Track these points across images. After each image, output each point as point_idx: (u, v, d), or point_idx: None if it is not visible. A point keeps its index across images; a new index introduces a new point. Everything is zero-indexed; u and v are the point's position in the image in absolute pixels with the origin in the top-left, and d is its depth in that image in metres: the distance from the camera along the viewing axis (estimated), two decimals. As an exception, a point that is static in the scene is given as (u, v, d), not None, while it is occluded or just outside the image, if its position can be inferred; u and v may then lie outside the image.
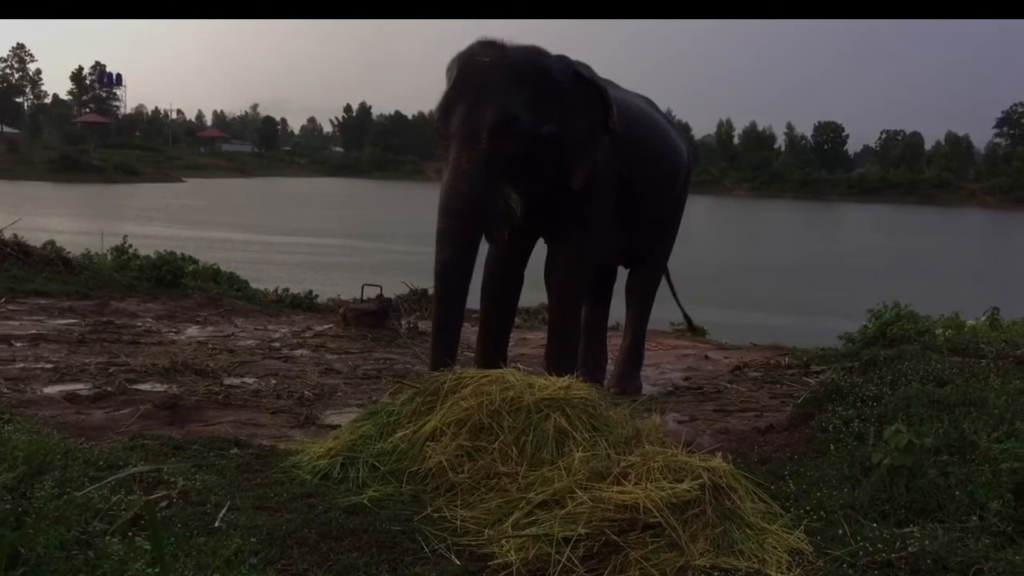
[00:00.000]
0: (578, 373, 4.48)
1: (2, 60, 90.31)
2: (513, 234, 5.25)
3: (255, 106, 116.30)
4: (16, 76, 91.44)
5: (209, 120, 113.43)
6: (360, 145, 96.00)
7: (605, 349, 6.43)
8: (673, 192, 6.26)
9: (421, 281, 10.08)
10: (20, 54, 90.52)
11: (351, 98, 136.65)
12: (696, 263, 22.11)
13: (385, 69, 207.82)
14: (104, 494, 2.96)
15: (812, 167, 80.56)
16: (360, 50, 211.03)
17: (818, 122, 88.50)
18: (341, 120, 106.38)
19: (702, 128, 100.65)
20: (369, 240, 28.34)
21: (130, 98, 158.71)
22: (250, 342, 7.26)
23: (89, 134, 76.93)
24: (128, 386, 5.32)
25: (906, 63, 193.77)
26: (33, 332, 6.83)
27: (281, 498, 3.34)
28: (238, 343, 7.16)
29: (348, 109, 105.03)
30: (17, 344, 6.40)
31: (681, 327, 9.97)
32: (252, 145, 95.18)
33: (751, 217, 53.14)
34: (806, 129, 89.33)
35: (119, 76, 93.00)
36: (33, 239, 10.28)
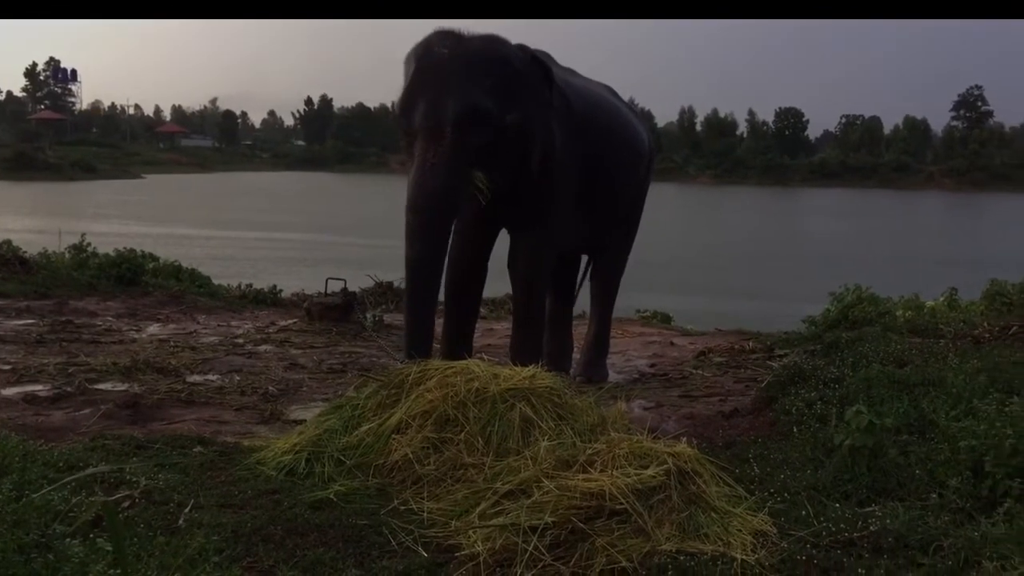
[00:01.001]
0: (543, 362, 4.49)
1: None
2: (476, 225, 5.24)
3: (214, 100, 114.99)
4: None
5: (168, 115, 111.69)
6: (322, 138, 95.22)
7: (571, 338, 6.45)
8: (635, 179, 6.28)
9: (386, 274, 10.07)
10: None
11: (312, 91, 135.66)
12: (661, 251, 22.27)
13: (346, 61, 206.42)
14: (64, 496, 2.92)
15: (774, 153, 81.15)
16: (320, 42, 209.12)
17: (779, 108, 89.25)
18: (302, 113, 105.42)
19: (665, 116, 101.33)
20: (333, 234, 28.14)
21: (86, 94, 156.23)
22: (213, 339, 7.18)
23: (44, 131, 75.55)
24: (88, 386, 5.23)
25: (864, 47, 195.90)
26: (-11, 333, 6.71)
27: (246, 495, 3.32)
28: (201, 340, 7.08)
29: (309, 102, 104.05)
30: (-27, 346, 6.28)
31: (647, 314, 10.05)
32: (212, 140, 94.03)
33: (715, 204, 53.50)
34: (767, 115, 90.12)
35: (74, 72, 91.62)
36: (-12, 239, 10.07)
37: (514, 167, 5.15)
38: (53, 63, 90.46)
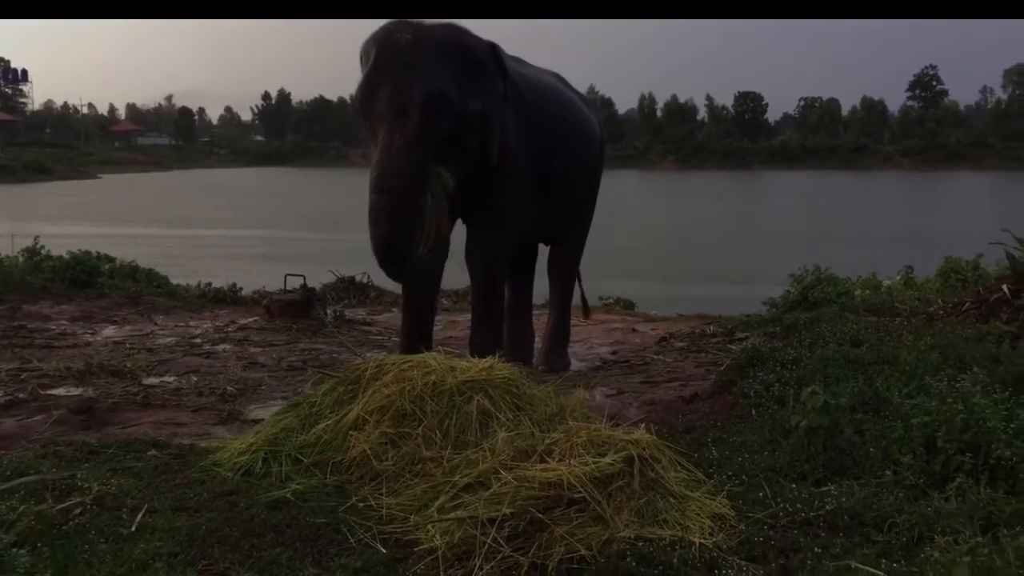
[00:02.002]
0: (502, 353, 4.48)
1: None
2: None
3: (169, 97, 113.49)
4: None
5: (122, 113, 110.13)
6: (281, 133, 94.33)
7: (531, 327, 6.44)
8: (587, 166, 6.28)
9: (348, 268, 9.99)
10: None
11: (269, 85, 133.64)
12: (624, 237, 22.36)
13: (303, 53, 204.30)
14: (12, 504, 2.86)
15: (734, 137, 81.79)
16: (275, 35, 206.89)
17: (738, 92, 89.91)
18: (260, 108, 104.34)
19: (625, 103, 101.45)
20: (293, 229, 27.87)
21: (37, 94, 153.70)
22: (170, 339, 7.08)
23: (-5, 133, 74.06)
24: (41, 392, 5.14)
25: (821, 29, 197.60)
26: (-61, 341, 6.56)
27: (201, 498, 3.27)
28: (157, 341, 6.98)
29: (267, 96, 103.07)
30: (-78, 355, 6.13)
31: (609, 301, 10.07)
32: (169, 137, 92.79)
33: (677, 189, 53.75)
34: (727, 99, 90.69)
35: (24, 72, 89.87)
36: (-63, 245, 9.86)
37: (474, 157, 5.13)
38: (3, 63, 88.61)
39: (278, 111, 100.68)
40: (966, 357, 4.23)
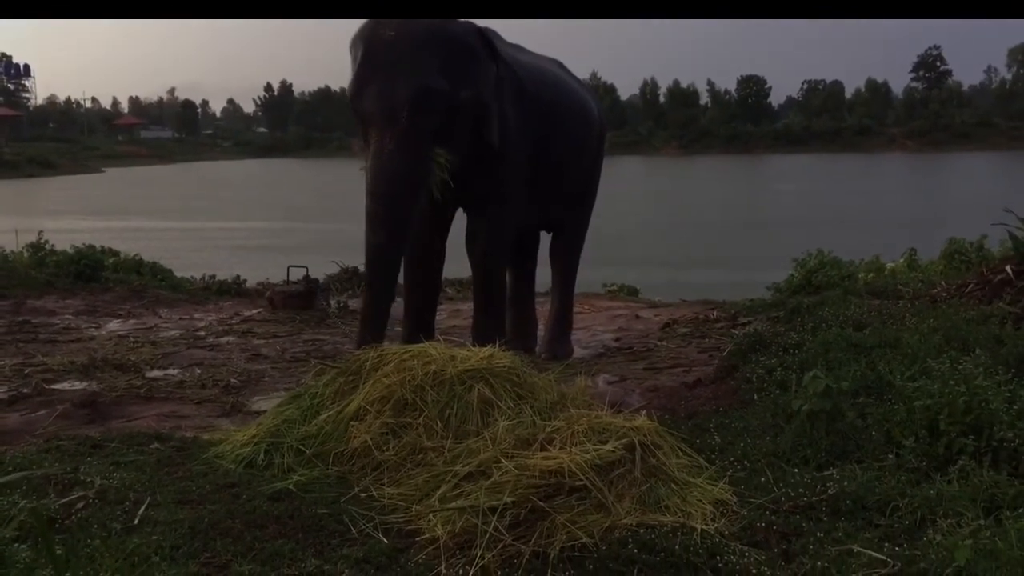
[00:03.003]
0: (504, 341, 4.48)
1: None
2: (431, 206, 5.19)
3: (172, 90, 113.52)
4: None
5: (125, 107, 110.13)
6: (284, 125, 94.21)
7: (534, 315, 6.43)
8: (587, 153, 6.26)
9: (352, 259, 9.99)
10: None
11: (271, 76, 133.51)
12: (628, 224, 22.31)
13: (305, 44, 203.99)
14: (14, 499, 2.87)
15: (738, 121, 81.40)
16: (277, 26, 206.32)
17: (741, 76, 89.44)
18: (263, 100, 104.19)
19: (627, 89, 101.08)
20: (298, 220, 27.88)
21: (40, 89, 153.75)
22: (174, 332, 7.09)
23: (0, 128, 74.06)
24: (45, 386, 5.15)
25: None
26: (-57, 337, 6.57)
27: (204, 490, 3.27)
28: (161, 335, 6.99)
29: (269, 88, 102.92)
30: (-74, 351, 6.15)
31: (613, 288, 10.07)
32: (172, 130, 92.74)
33: (681, 174, 53.60)
34: (729, 84, 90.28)
35: (27, 67, 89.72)
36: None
37: (472, 143, 5.11)
38: (5, 59, 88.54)
39: (281, 102, 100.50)
40: (969, 339, 4.22)
